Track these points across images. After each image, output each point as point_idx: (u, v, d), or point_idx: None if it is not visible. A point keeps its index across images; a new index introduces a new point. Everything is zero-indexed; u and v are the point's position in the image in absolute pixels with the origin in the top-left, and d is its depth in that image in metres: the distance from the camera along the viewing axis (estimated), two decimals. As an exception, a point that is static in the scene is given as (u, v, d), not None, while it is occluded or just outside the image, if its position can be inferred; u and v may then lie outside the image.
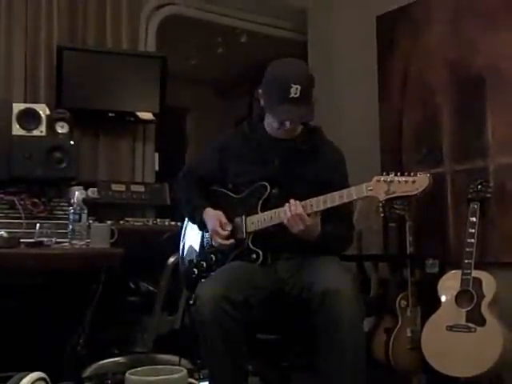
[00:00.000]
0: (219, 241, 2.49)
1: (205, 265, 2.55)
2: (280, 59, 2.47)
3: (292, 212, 2.27)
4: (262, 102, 2.48)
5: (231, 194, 2.58)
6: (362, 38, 4.26)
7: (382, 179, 2.13)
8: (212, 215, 2.53)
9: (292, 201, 2.29)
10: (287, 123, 2.41)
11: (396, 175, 2.12)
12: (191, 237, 2.71)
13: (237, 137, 2.66)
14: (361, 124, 4.16)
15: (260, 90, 2.47)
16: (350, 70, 4.35)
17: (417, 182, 2.08)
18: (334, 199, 2.24)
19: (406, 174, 2.11)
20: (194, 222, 2.67)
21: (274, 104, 2.39)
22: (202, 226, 2.60)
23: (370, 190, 2.15)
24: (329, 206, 2.24)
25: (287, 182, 2.46)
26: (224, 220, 2.50)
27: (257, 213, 2.45)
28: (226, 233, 2.47)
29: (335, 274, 2.27)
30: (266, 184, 2.46)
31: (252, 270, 2.40)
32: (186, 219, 2.76)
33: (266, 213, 2.42)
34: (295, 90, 2.31)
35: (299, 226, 2.26)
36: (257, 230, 2.44)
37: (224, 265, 2.46)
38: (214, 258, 2.54)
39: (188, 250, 2.69)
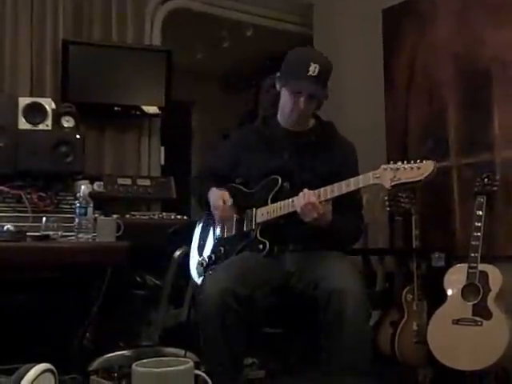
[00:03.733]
0: (220, 213, 2.54)
1: (213, 257, 2.56)
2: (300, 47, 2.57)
3: (306, 200, 2.28)
4: (278, 84, 2.52)
5: (243, 189, 2.61)
6: (368, 32, 4.25)
7: (389, 167, 2.16)
8: (216, 193, 2.58)
9: (305, 190, 2.31)
10: (302, 99, 2.42)
11: (402, 163, 2.14)
12: (203, 230, 2.73)
13: (251, 131, 2.70)
14: (366, 118, 4.16)
15: (277, 73, 2.51)
16: (356, 63, 4.34)
17: (422, 168, 2.09)
18: (341, 188, 2.26)
19: (412, 161, 2.12)
20: (204, 207, 2.70)
21: (292, 79, 2.44)
22: (207, 205, 2.64)
23: (377, 177, 2.18)
24: (336, 194, 2.26)
25: (298, 175, 2.48)
26: (227, 197, 2.54)
27: (267, 205, 2.47)
28: (225, 205, 2.52)
29: (343, 273, 2.27)
30: (278, 177, 2.49)
31: (259, 261, 2.41)
32: (198, 207, 2.78)
33: (275, 204, 2.44)
34: (314, 69, 2.36)
35: (313, 214, 2.27)
36: (266, 220, 2.45)
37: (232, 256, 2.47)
38: (222, 250, 2.56)
39: (199, 244, 2.71)
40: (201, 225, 2.77)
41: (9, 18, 3.77)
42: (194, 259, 2.69)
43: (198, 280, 2.59)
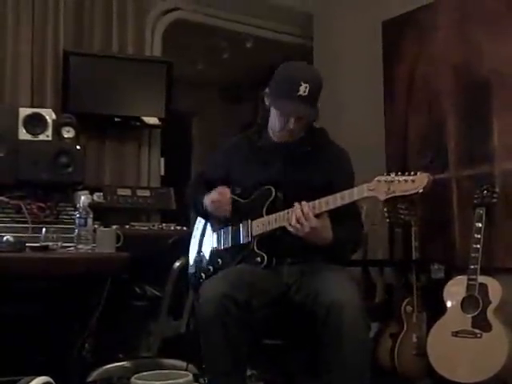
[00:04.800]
0: (216, 198, 2.51)
1: (212, 269, 2.55)
2: (291, 61, 2.49)
3: (297, 213, 2.25)
4: (267, 100, 2.49)
5: (238, 199, 2.58)
6: (368, 43, 4.27)
7: (383, 179, 2.13)
8: (210, 194, 2.55)
9: (297, 204, 2.27)
10: (292, 120, 2.40)
11: (397, 175, 2.12)
12: (200, 242, 2.73)
13: (243, 141, 2.67)
14: (366, 129, 4.16)
15: (267, 89, 2.48)
16: (356, 74, 4.36)
17: (416, 181, 2.08)
18: (335, 200, 2.23)
19: (406, 173, 2.12)
20: (200, 215, 2.69)
21: (281, 99, 2.40)
22: (204, 212, 2.61)
23: (371, 190, 2.15)
24: (331, 207, 2.23)
25: (291, 186, 2.46)
26: (226, 190, 2.52)
27: (262, 216, 2.45)
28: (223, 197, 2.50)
29: (341, 286, 2.25)
30: (271, 188, 2.46)
31: (256, 272, 2.40)
32: (193, 216, 2.77)
33: (271, 216, 2.41)
34: (304, 89, 2.32)
35: (304, 228, 2.24)
36: (262, 233, 2.44)
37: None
38: (220, 262, 2.55)
39: (196, 256, 2.70)
40: (198, 235, 2.76)
41: (10, 28, 3.79)
42: (192, 270, 2.68)
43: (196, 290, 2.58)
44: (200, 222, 2.77)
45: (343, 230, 2.36)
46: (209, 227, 2.70)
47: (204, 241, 2.69)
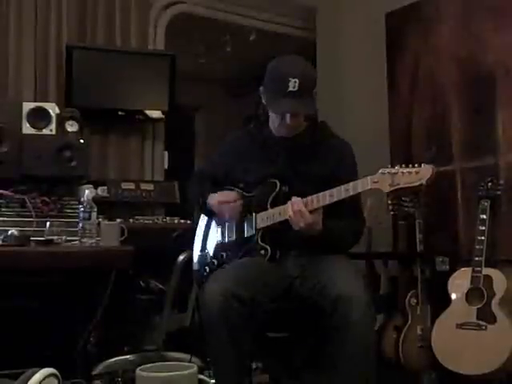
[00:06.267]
0: (224, 205, 2.51)
1: (216, 263, 2.55)
2: (280, 56, 2.48)
3: (294, 208, 2.27)
4: (263, 98, 2.49)
5: (243, 193, 2.58)
6: (372, 36, 4.26)
7: (387, 171, 2.14)
8: (220, 193, 2.56)
9: (294, 198, 2.30)
10: (288, 117, 2.41)
11: (401, 167, 2.13)
12: (204, 236, 2.72)
13: (244, 136, 2.68)
14: (370, 122, 4.16)
15: (261, 88, 2.48)
16: (359, 67, 4.35)
17: (420, 173, 2.08)
18: (340, 193, 2.24)
19: (410, 165, 2.11)
20: (203, 211, 2.69)
21: (274, 99, 2.40)
22: (208, 211, 2.62)
23: (375, 182, 2.16)
24: (335, 199, 2.24)
25: (294, 180, 2.47)
26: (233, 195, 2.53)
27: (267, 209, 2.46)
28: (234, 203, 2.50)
29: (348, 278, 2.25)
30: (276, 181, 2.47)
31: (261, 266, 2.40)
32: (196, 212, 2.77)
33: (274, 209, 2.42)
34: (293, 84, 2.32)
35: (300, 222, 2.26)
36: (266, 226, 2.44)
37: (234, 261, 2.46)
38: (224, 256, 2.55)
39: (200, 251, 2.70)
40: (202, 230, 2.76)
41: (13, 23, 3.79)
42: (196, 265, 2.68)
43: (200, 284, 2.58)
44: (204, 219, 2.77)
45: (339, 223, 2.38)
46: (213, 221, 2.70)
47: (208, 235, 2.69)
